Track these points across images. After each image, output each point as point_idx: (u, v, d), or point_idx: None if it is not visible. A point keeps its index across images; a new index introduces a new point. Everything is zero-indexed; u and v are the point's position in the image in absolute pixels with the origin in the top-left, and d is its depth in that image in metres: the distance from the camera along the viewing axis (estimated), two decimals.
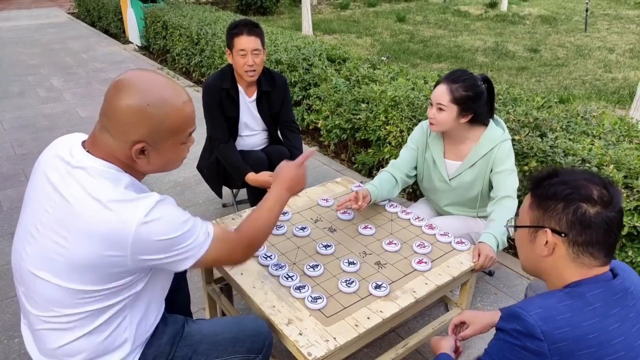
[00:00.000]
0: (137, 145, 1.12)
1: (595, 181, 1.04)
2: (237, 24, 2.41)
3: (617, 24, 10.62)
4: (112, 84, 1.13)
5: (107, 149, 1.14)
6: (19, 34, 8.90)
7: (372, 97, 3.40)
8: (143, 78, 1.13)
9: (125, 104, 1.09)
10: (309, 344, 1.38)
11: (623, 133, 2.69)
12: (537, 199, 1.09)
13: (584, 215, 1.01)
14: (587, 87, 6.44)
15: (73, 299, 1.13)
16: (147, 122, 1.11)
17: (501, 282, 2.50)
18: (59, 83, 6.01)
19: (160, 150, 1.16)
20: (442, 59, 7.79)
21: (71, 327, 1.17)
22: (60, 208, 1.10)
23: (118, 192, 1.10)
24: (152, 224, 1.09)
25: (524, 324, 1.00)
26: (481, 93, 1.97)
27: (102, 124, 1.14)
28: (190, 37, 5.94)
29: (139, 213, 1.07)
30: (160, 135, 1.13)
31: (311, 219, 2.01)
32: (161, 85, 1.14)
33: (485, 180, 2.09)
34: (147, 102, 1.10)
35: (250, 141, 2.69)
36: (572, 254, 1.05)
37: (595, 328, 0.98)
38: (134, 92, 1.10)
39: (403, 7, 13.12)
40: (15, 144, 4.20)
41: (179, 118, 1.15)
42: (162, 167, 1.22)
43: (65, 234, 1.09)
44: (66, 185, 1.11)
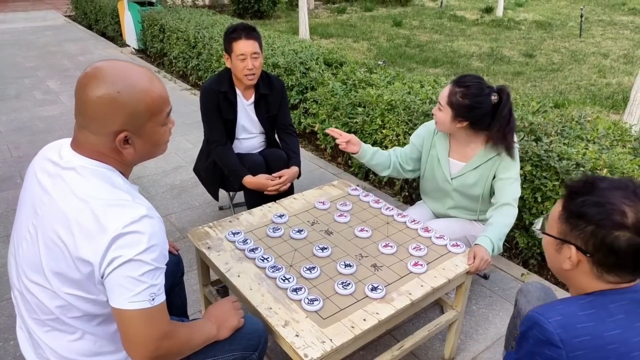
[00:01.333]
0: (120, 135, 1.11)
1: (637, 202, 0.99)
2: (234, 28, 2.42)
3: (611, 29, 10.71)
4: (78, 80, 1.10)
5: (90, 146, 1.12)
6: (15, 37, 8.89)
7: (368, 101, 3.42)
8: (107, 67, 1.10)
9: (95, 97, 1.07)
10: (306, 346, 1.39)
11: (616, 137, 2.72)
12: (567, 212, 1.06)
13: (612, 243, 0.98)
14: (581, 92, 6.48)
15: (69, 301, 1.12)
16: (123, 110, 1.09)
17: (496, 285, 2.52)
18: (56, 86, 6.00)
19: (143, 136, 1.14)
20: (438, 64, 7.84)
21: (68, 330, 1.17)
22: (48, 208, 1.10)
23: (106, 192, 1.08)
24: (134, 236, 1.05)
25: (543, 331, 1.00)
26: (480, 104, 1.91)
27: (79, 123, 1.12)
28: (188, 41, 5.95)
29: (122, 221, 1.05)
30: (139, 120, 1.11)
31: (308, 222, 2.02)
32: (126, 70, 1.12)
33: (487, 185, 2.09)
34: (117, 89, 1.07)
35: (247, 144, 2.70)
36: (596, 272, 1.03)
37: (616, 339, 0.97)
38: (101, 83, 1.07)
39: (399, 11, 13.18)
40: (11, 147, 4.19)
41: (152, 99, 1.13)
42: (149, 153, 1.20)
43: (53, 235, 1.08)
44: (55, 186, 1.11)
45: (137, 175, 3.65)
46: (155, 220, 1.11)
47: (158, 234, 1.10)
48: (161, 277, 1.12)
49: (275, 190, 2.46)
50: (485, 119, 1.96)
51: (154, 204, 3.25)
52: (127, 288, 1.06)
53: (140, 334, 1.09)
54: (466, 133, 2.05)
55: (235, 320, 1.40)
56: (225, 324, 1.38)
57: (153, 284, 1.09)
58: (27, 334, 1.25)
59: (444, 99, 1.98)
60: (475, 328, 2.23)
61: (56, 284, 1.11)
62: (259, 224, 2.00)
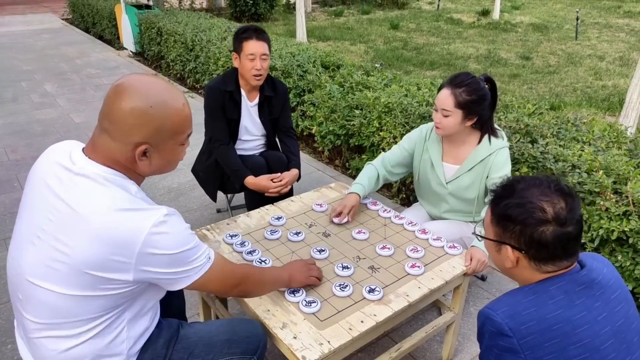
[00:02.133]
0: (140, 147, 1.14)
1: (553, 196, 1.07)
2: (246, 29, 2.44)
3: (607, 32, 10.77)
4: (112, 88, 1.14)
5: (107, 152, 1.14)
6: (12, 40, 8.89)
7: (365, 103, 3.43)
8: (143, 81, 1.15)
9: (128, 107, 1.10)
10: (304, 348, 1.39)
11: (612, 139, 2.74)
12: (495, 217, 1.13)
13: (540, 237, 1.05)
14: (578, 94, 6.52)
15: (73, 306, 1.13)
16: (150, 124, 1.12)
17: (493, 287, 2.53)
18: (53, 89, 6.00)
19: (161, 152, 1.18)
20: (435, 66, 7.86)
21: (69, 334, 1.16)
22: (65, 216, 1.10)
23: (125, 200, 1.11)
24: (160, 236, 1.10)
25: (493, 324, 1.06)
26: (485, 95, 1.97)
27: (102, 127, 1.14)
28: (185, 44, 5.96)
29: (149, 223, 1.09)
30: (162, 136, 1.15)
31: (305, 224, 2.03)
32: (161, 87, 1.16)
33: (482, 186, 2.11)
34: (150, 104, 1.12)
35: (248, 146, 2.71)
36: (534, 265, 1.10)
37: (558, 319, 1.02)
38: (135, 95, 1.11)
39: (396, 14, 13.23)
40: (8, 150, 4.18)
41: (179, 119, 1.17)
42: (161, 169, 1.24)
43: (69, 241, 1.09)
44: (70, 192, 1.11)
45: None
46: (175, 215, 1.17)
47: (182, 225, 1.18)
48: (200, 244, 1.22)
49: (276, 192, 2.47)
50: (489, 108, 2.04)
51: None
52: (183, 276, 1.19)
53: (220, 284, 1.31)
54: (466, 132, 2.07)
55: (304, 277, 1.57)
56: (297, 275, 1.56)
57: (199, 255, 1.21)
58: (26, 338, 1.25)
59: (450, 104, 1.95)
60: (472, 330, 2.24)
61: (62, 289, 1.11)
62: (256, 227, 2.00)
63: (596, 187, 2.20)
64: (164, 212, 1.12)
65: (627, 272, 2.10)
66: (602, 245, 2.20)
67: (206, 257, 1.24)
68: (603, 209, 2.15)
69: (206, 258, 1.23)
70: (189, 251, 1.17)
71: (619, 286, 1.12)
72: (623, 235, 2.09)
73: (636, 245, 2.06)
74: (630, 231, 2.06)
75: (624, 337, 1.06)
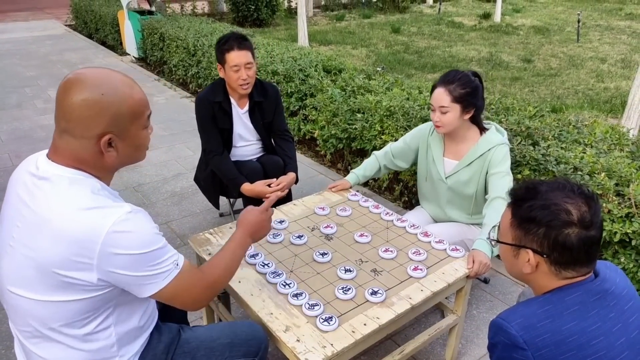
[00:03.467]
0: (104, 137, 1.12)
1: (577, 199, 1.05)
2: (226, 39, 2.42)
3: (608, 34, 10.77)
4: (60, 85, 1.12)
5: (70, 152, 1.13)
6: (16, 46, 8.94)
7: (367, 107, 3.44)
8: (89, 73, 1.13)
9: (80, 100, 1.08)
10: (307, 351, 1.40)
11: (614, 142, 2.74)
12: (517, 219, 1.10)
13: (565, 240, 1.03)
14: (579, 96, 6.51)
15: (52, 312, 1.11)
16: (107, 112, 1.10)
17: (496, 290, 2.52)
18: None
19: (126, 139, 1.16)
20: (437, 69, 7.87)
21: (56, 341, 1.15)
22: (29, 220, 1.10)
23: (87, 198, 1.09)
24: (121, 235, 1.07)
25: (507, 336, 1.03)
26: (477, 87, 2.05)
27: (61, 128, 1.12)
28: (187, 49, 5.99)
29: (109, 220, 1.06)
30: (122, 122, 1.13)
31: (308, 227, 2.03)
32: (108, 75, 1.15)
33: (481, 181, 2.13)
34: (101, 92, 1.10)
35: (244, 151, 2.71)
36: (554, 270, 1.07)
37: (573, 331, 1.00)
38: (84, 86, 1.09)
39: (398, 18, 13.26)
40: (12, 155, 4.21)
41: (134, 101, 1.15)
42: (131, 157, 1.21)
43: (34, 244, 1.08)
44: (33, 197, 1.11)
45: (137, 182, 3.66)
46: (140, 213, 1.13)
47: (147, 224, 1.13)
48: (167, 248, 1.16)
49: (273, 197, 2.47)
50: (482, 100, 2.10)
51: (155, 210, 3.26)
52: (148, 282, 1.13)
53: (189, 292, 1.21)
54: (466, 127, 2.11)
55: (267, 229, 1.51)
56: (259, 233, 1.48)
57: (166, 258, 1.15)
58: (20, 345, 1.24)
59: (447, 100, 2.02)
60: (476, 332, 2.24)
61: (36, 295, 1.10)
62: None
63: (598, 189, 2.21)
64: (127, 210, 1.09)
65: (630, 274, 2.10)
66: (605, 248, 2.20)
67: (173, 263, 1.16)
68: (605, 211, 2.15)
69: (173, 264, 1.16)
70: (154, 252, 1.12)
71: (633, 296, 1.10)
72: (626, 237, 2.09)
73: (639, 247, 2.06)
74: (633, 233, 2.06)
75: (639, 349, 1.04)
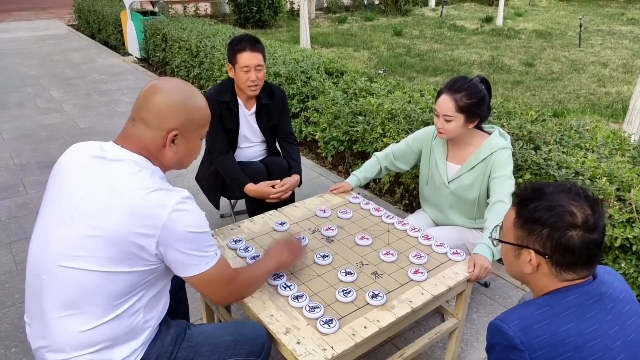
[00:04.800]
0: (172, 132, 1.29)
1: (581, 202, 1.06)
2: (239, 40, 2.43)
3: (610, 39, 10.78)
4: (147, 86, 1.31)
5: (139, 140, 1.28)
6: (18, 46, 8.96)
7: (369, 109, 3.45)
8: (175, 82, 1.34)
9: (165, 98, 1.28)
10: (307, 353, 1.40)
11: (615, 146, 2.74)
12: (522, 219, 1.11)
13: (567, 242, 1.04)
14: (581, 101, 6.52)
15: (101, 284, 1.19)
16: (184, 113, 1.30)
17: (496, 294, 2.52)
18: (58, 94, 6.04)
19: (187, 141, 1.34)
20: (439, 73, 7.88)
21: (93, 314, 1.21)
22: (99, 195, 1.21)
23: (155, 181, 1.25)
24: (183, 213, 1.23)
25: (505, 337, 1.04)
26: (484, 97, 2.02)
27: (137, 117, 1.29)
28: (190, 50, 6.00)
29: (173, 200, 1.22)
30: (191, 125, 1.32)
31: (309, 230, 2.04)
32: (191, 87, 1.36)
33: (484, 185, 2.13)
34: (185, 97, 1.31)
35: (248, 153, 2.72)
36: (555, 272, 1.08)
37: (571, 332, 1.01)
38: (171, 90, 1.30)
39: (400, 21, 13.28)
40: (14, 154, 4.21)
41: (205, 114, 1.37)
42: (182, 160, 1.38)
43: (103, 216, 1.19)
44: (104, 175, 1.23)
45: None
46: (194, 199, 1.30)
47: (200, 210, 1.30)
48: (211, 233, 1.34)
49: (276, 198, 2.47)
50: (488, 109, 2.09)
51: None
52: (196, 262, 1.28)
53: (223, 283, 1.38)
54: (469, 134, 2.10)
55: (290, 259, 1.66)
56: (283, 261, 1.63)
57: (212, 244, 1.32)
58: (41, 322, 1.26)
59: (451, 109, 1.99)
60: (476, 336, 2.24)
61: (92, 265, 1.18)
62: (260, 232, 2.01)
63: (600, 194, 2.21)
64: (186, 195, 1.27)
65: (631, 279, 2.10)
66: (606, 253, 2.20)
67: (215, 251, 1.34)
68: (607, 216, 2.15)
69: (215, 252, 1.33)
70: (205, 234, 1.28)
71: (630, 300, 1.11)
72: (627, 242, 2.09)
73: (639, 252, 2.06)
74: (634, 238, 2.06)
75: (635, 352, 1.05)
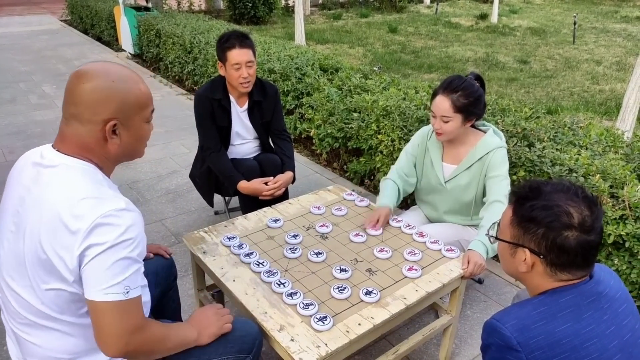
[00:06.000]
0: (110, 122, 1.16)
1: (579, 202, 1.04)
2: (228, 37, 2.41)
3: (604, 37, 10.82)
4: (71, 76, 1.17)
5: (77, 139, 1.17)
6: (10, 41, 8.87)
7: (364, 106, 3.44)
8: (100, 64, 1.20)
9: (91, 86, 1.14)
10: (301, 350, 1.39)
11: (609, 144, 2.75)
12: (518, 217, 1.10)
13: (563, 242, 1.03)
14: (575, 98, 6.54)
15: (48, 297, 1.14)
16: (115, 97, 1.16)
17: (490, 290, 2.53)
18: (51, 90, 5.99)
19: (130, 128, 1.20)
20: (433, 70, 7.89)
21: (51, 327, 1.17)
22: (31, 206, 1.13)
23: (87, 188, 1.12)
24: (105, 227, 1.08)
25: (501, 337, 1.03)
26: (480, 96, 2.02)
27: (69, 114, 1.17)
28: (183, 46, 5.96)
29: (99, 211, 1.08)
30: (128, 110, 1.19)
31: (303, 227, 2.03)
32: (118, 67, 1.22)
33: (480, 185, 2.13)
34: (111, 79, 1.16)
35: (241, 149, 2.71)
36: (550, 272, 1.08)
37: (567, 333, 1.01)
38: (95, 75, 1.16)
39: (395, 18, 13.26)
40: (6, 151, 4.17)
41: (140, 92, 1.21)
42: (132, 149, 1.25)
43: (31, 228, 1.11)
44: (38, 184, 1.15)
45: (132, 179, 3.65)
46: (134, 213, 1.14)
47: (136, 227, 1.13)
48: (138, 272, 1.14)
49: (269, 195, 2.46)
50: (484, 106, 2.08)
51: (149, 208, 3.25)
52: (102, 279, 1.08)
53: (112, 326, 1.10)
54: (466, 133, 2.10)
55: (215, 328, 1.38)
56: (207, 330, 1.36)
57: (128, 277, 1.11)
58: (14, 337, 1.25)
59: (449, 110, 1.98)
60: (469, 333, 2.24)
61: (38, 280, 1.13)
62: (254, 229, 2.00)
63: (593, 191, 2.21)
64: (121, 206, 1.11)
65: (624, 276, 2.11)
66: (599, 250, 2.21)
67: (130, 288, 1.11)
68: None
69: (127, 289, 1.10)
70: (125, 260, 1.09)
71: (626, 299, 1.10)
72: (619, 239, 2.10)
73: (632, 249, 2.07)
74: (627, 235, 2.07)
75: (631, 352, 1.05)
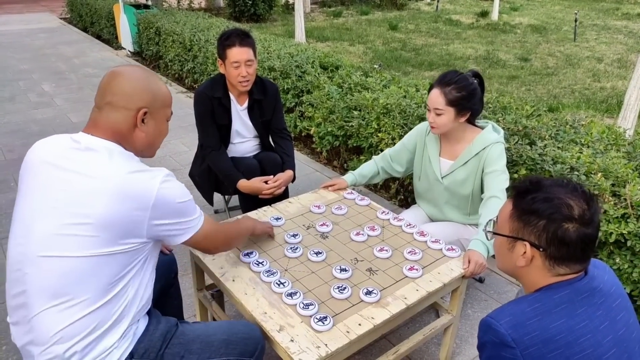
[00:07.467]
0: (142, 110, 1.31)
1: (578, 196, 1.06)
2: (228, 35, 2.39)
3: (605, 34, 10.79)
4: (107, 75, 1.33)
5: (109, 125, 1.29)
6: (10, 39, 8.85)
7: (364, 104, 3.43)
8: (132, 66, 1.39)
9: (128, 79, 1.31)
10: (301, 351, 1.38)
11: (611, 142, 2.74)
12: (519, 210, 1.11)
13: (563, 235, 1.04)
14: (576, 96, 6.52)
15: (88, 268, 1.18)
16: (149, 90, 1.33)
17: (491, 289, 2.52)
18: (50, 88, 5.98)
19: (156, 120, 1.36)
20: (434, 67, 7.86)
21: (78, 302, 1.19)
22: (80, 185, 1.20)
23: (133, 164, 1.27)
24: (169, 189, 1.26)
25: (496, 334, 1.04)
26: (474, 90, 2.02)
27: (104, 102, 1.30)
28: (183, 44, 5.94)
29: (158, 178, 1.25)
30: (157, 103, 1.35)
31: (303, 226, 2.02)
32: (148, 70, 1.40)
33: (477, 180, 2.12)
34: (146, 76, 1.35)
35: (241, 148, 2.69)
36: (548, 265, 1.08)
37: (561, 329, 1.01)
38: (132, 72, 1.34)
39: (395, 15, 13.23)
40: (5, 150, 4.16)
41: (167, 93, 1.40)
42: (152, 142, 1.39)
43: (88, 203, 1.18)
44: (82, 165, 1.23)
45: None
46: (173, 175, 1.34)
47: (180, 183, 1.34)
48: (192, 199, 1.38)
49: (269, 194, 2.45)
50: (480, 102, 2.08)
51: None
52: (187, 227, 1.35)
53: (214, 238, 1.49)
54: (462, 128, 2.10)
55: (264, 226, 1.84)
56: (257, 225, 1.80)
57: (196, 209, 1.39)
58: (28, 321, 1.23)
59: (441, 103, 1.99)
60: (470, 332, 2.23)
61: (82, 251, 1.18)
62: None
63: (595, 189, 2.20)
64: (166, 172, 1.30)
65: (625, 274, 2.10)
66: (600, 248, 2.20)
67: (200, 213, 1.41)
68: (602, 211, 2.15)
69: (200, 212, 1.41)
70: (190, 202, 1.34)
71: (620, 294, 1.11)
72: (621, 237, 2.08)
73: (634, 248, 2.06)
74: (629, 234, 2.06)
75: (626, 347, 1.05)
